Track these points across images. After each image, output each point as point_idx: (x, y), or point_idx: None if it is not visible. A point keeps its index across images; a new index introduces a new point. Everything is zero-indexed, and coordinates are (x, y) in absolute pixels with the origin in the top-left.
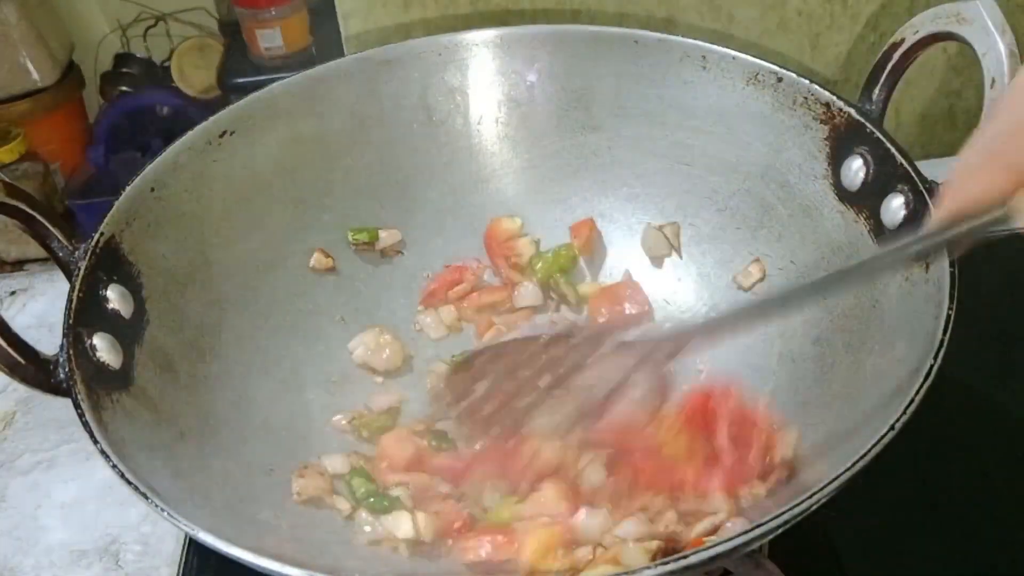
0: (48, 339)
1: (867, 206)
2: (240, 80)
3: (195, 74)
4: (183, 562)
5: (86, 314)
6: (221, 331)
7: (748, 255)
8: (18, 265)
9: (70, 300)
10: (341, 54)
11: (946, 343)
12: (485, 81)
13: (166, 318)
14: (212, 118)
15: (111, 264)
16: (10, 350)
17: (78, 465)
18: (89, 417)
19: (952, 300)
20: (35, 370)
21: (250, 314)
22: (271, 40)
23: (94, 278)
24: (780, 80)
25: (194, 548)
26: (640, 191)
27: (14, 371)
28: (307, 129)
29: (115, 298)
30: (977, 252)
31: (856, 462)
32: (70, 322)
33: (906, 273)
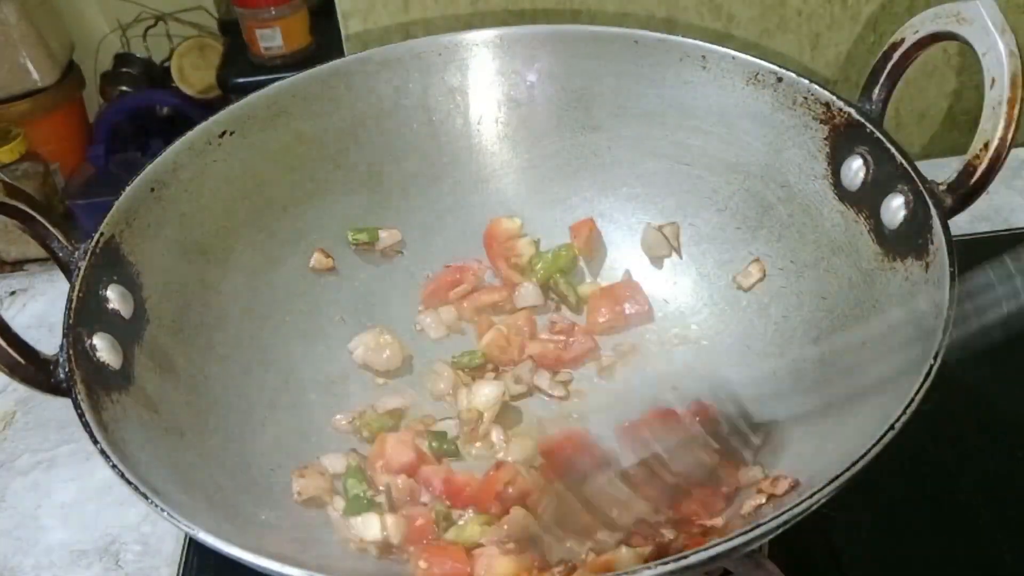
0: (48, 339)
1: (867, 206)
2: (240, 80)
3: (195, 74)
4: (183, 562)
5: (86, 314)
6: (221, 331)
7: (748, 255)
8: (18, 265)
9: (70, 300)
10: (341, 54)
11: (946, 343)
12: (485, 81)
13: (166, 318)
14: (212, 118)
15: (111, 264)
16: (10, 350)
17: (78, 465)
18: (89, 417)
19: (952, 300)
20: (35, 370)
21: (250, 314)
22: (271, 40)
23: (94, 278)
24: (780, 80)
25: (194, 548)
26: (640, 191)
27: (14, 371)
28: (307, 129)
29: (115, 298)
30: (977, 252)
31: (856, 462)
32: (70, 322)
33: (906, 273)
